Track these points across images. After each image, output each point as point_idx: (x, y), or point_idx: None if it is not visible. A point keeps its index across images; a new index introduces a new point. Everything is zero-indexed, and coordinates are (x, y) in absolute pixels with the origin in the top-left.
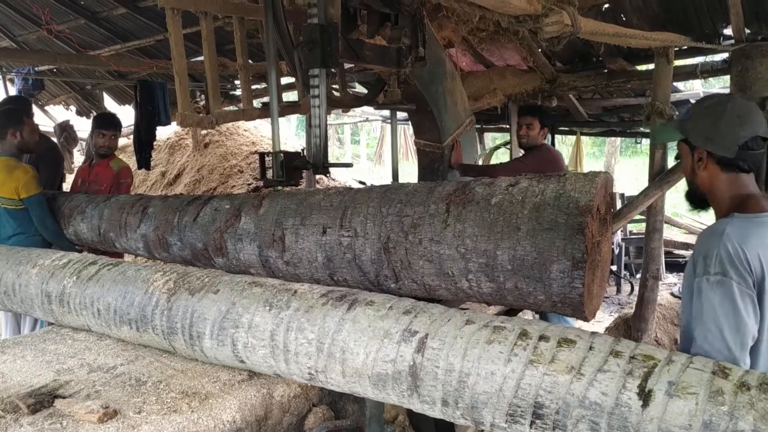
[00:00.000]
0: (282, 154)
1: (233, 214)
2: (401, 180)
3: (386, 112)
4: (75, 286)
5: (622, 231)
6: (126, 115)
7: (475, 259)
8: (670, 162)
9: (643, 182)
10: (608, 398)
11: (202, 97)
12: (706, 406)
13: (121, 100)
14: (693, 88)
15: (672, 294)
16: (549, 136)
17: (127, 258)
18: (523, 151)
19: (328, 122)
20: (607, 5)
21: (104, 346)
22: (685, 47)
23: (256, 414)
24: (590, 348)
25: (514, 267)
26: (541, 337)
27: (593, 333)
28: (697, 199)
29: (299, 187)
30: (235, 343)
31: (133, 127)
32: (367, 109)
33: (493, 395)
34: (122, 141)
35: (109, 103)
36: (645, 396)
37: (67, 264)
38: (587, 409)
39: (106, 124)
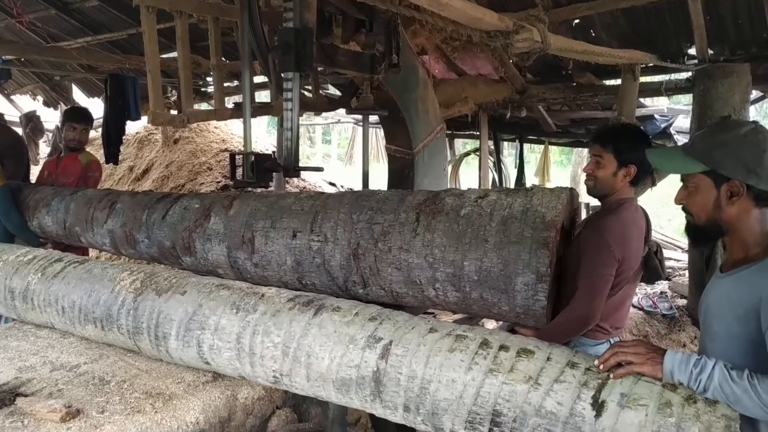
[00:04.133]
0: (253, 156)
1: (203, 213)
2: (372, 183)
3: (358, 116)
4: (39, 283)
5: None
6: (95, 107)
7: (442, 269)
8: None
9: None
10: (563, 408)
11: (174, 92)
12: (655, 417)
13: (91, 92)
14: (659, 103)
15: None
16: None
17: (92, 253)
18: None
19: (301, 123)
20: (577, 21)
21: (68, 344)
22: (651, 65)
23: (219, 416)
24: (548, 359)
25: (480, 278)
26: (502, 347)
27: (552, 344)
28: (708, 235)
29: (269, 188)
30: (200, 345)
31: (102, 120)
32: (340, 111)
33: (454, 402)
34: (90, 134)
35: (78, 95)
36: (598, 406)
37: (32, 260)
38: (543, 417)
39: (78, 117)
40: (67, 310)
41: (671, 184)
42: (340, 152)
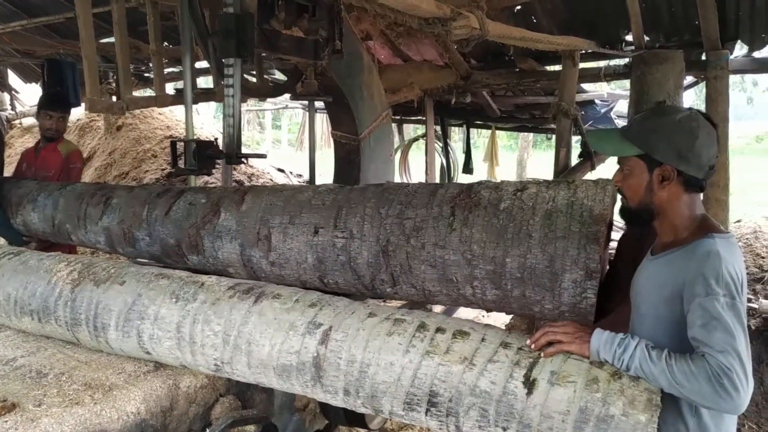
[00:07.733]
0: (195, 143)
1: (211, 209)
2: (320, 169)
3: (305, 101)
4: None
5: None
6: (32, 94)
7: (482, 266)
8: (574, 159)
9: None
10: (497, 387)
11: (115, 77)
12: (583, 393)
13: (28, 77)
14: (601, 89)
15: None
16: (465, 130)
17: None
18: None
19: (250, 108)
20: (519, 7)
21: (3, 337)
22: (590, 51)
23: (161, 405)
24: (482, 340)
25: (524, 275)
26: (438, 329)
27: (487, 325)
28: (640, 218)
29: (211, 175)
30: (140, 335)
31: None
32: (287, 96)
33: (392, 385)
34: (28, 121)
35: (14, 81)
36: (530, 384)
37: None
38: (478, 397)
39: (54, 104)
40: (2, 303)
41: (613, 166)
42: (291, 138)
